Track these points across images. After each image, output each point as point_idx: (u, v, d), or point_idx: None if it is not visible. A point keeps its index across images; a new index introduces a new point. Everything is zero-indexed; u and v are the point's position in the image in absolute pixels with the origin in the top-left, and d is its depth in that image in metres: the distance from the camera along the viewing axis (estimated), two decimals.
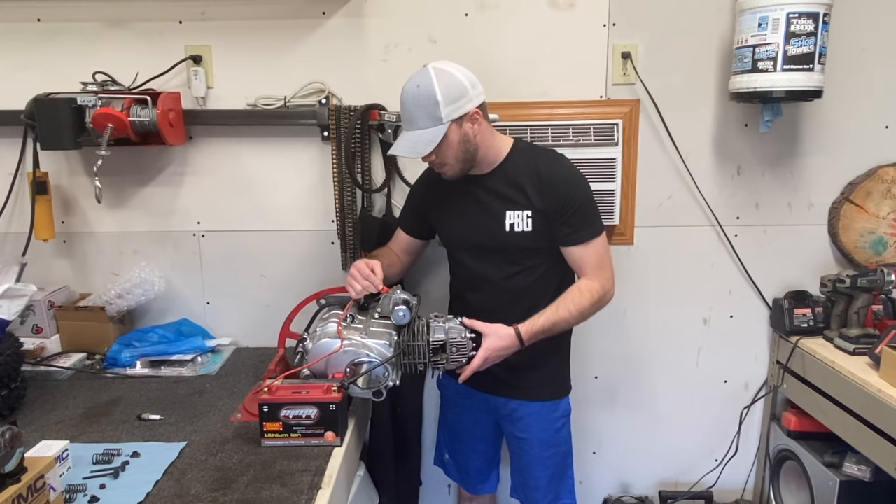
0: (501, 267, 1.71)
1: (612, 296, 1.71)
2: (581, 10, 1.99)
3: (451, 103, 1.55)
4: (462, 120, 1.58)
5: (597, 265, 1.68)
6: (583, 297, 1.66)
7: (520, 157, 1.69)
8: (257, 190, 2.10)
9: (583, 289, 1.67)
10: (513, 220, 1.66)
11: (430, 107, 1.54)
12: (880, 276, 1.88)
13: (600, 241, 1.68)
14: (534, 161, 1.66)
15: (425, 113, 1.55)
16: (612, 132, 1.97)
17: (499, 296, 1.72)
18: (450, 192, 1.74)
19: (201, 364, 1.96)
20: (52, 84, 1.94)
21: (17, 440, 1.09)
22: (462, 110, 1.56)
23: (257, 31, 2.00)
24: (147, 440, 1.51)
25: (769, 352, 2.20)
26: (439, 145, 1.57)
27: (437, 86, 1.53)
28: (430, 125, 1.55)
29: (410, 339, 1.61)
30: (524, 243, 1.67)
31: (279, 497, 1.28)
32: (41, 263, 2.10)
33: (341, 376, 1.53)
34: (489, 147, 1.66)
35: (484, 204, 1.69)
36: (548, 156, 1.70)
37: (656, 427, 2.28)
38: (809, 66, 1.80)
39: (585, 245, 1.66)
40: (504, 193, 1.67)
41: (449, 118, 1.55)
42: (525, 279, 1.71)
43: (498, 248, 1.69)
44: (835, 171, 2.09)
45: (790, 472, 2.13)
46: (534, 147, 1.75)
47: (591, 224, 1.66)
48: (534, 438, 1.81)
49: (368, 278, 1.64)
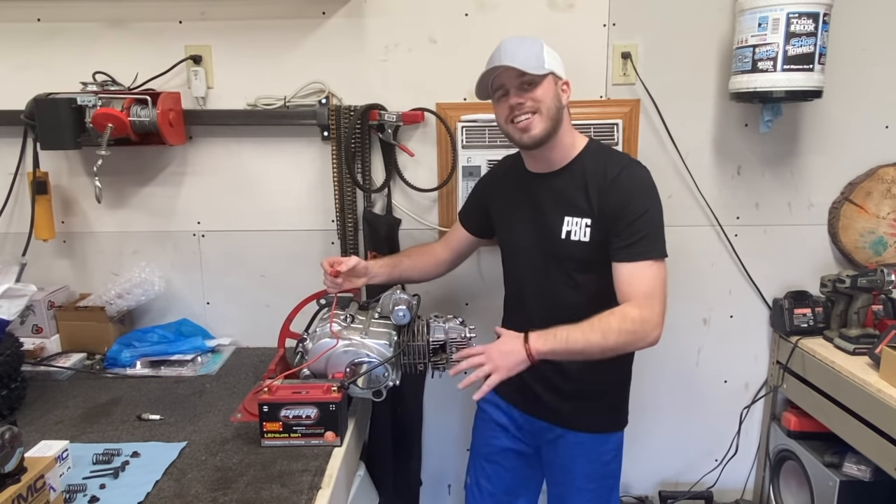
0: (552, 278, 1.57)
1: (655, 336, 1.43)
2: (581, 10, 1.99)
3: (555, 59, 1.49)
4: (558, 81, 1.50)
5: (646, 293, 1.43)
6: (612, 317, 1.42)
7: (590, 158, 1.55)
8: (257, 190, 2.10)
9: (616, 311, 1.43)
10: (570, 226, 1.52)
11: (535, 48, 1.47)
12: (880, 276, 1.87)
13: (656, 268, 1.46)
14: (604, 164, 1.52)
15: (529, 52, 1.46)
16: (612, 132, 1.97)
17: (546, 311, 1.57)
18: (515, 188, 1.64)
19: (201, 364, 1.96)
20: (52, 84, 1.94)
21: (17, 440, 1.09)
22: (561, 72, 1.51)
23: (257, 31, 2.00)
24: (147, 440, 1.51)
25: (769, 352, 2.20)
26: (534, 86, 1.45)
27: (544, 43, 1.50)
28: (533, 65, 1.45)
29: (410, 339, 1.61)
30: (579, 254, 1.52)
31: (279, 497, 1.28)
32: (41, 263, 2.10)
33: (341, 376, 1.53)
34: (567, 131, 1.54)
35: (544, 206, 1.57)
36: (621, 160, 1.54)
37: (656, 427, 2.28)
38: (809, 66, 1.80)
39: (637, 264, 1.45)
40: (566, 196, 1.53)
41: (551, 67, 1.47)
42: (576, 296, 1.55)
43: (551, 256, 1.56)
44: (835, 171, 2.09)
45: (790, 472, 2.13)
46: (607, 150, 1.60)
47: (650, 243, 1.46)
48: (578, 470, 1.66)
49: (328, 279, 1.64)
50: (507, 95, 1.49)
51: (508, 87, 1.48)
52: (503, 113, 1.51)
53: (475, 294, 2.15)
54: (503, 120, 1.52)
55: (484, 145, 1.97)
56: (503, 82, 1.48)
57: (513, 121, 1.49)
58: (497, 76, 1.48)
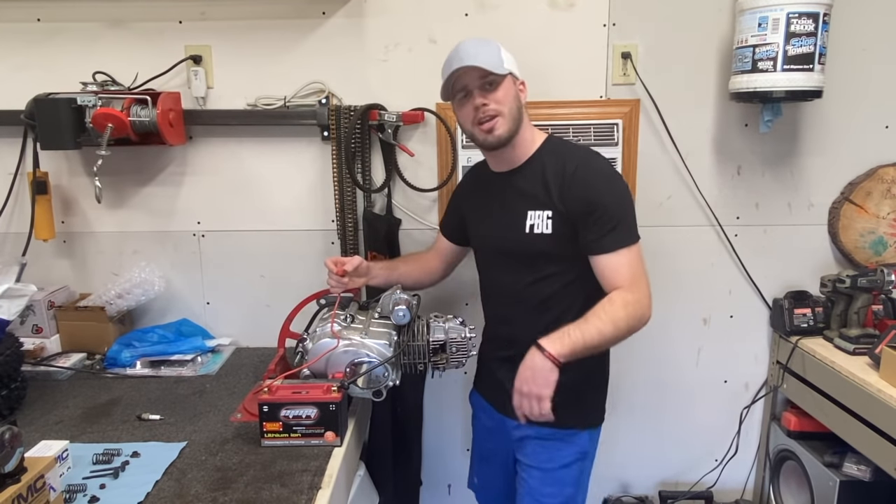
0: (521, 273, 1.58)
1: (649, 315, 1.49)
2: (581, 10, 1.99)
3: (510, 59, 1.53)
4: (516, 80, 1.54)
5: (630, 277, 1.47)
6: (614, 305, 1.44)
7: (549, 154, 1.57)
8: (257, 190, 2.10)
9: (614, 298, 1.45)
10: (533, 220, 1.53)
11: (493, 51, 1.50)
12: (880, 276, 1.87)
13: (633, 252, 1.49)
14: (563, 157, 1.54)
15: (488, 53, 1.48)
16: (612, 132, 1.97)
17: (519, 305, 1.60)
18: (482, 190, 1.67)
19: (201, 364, 1.96)
20: (52, 84, 1.94)
21: (17, 440, 1.09)
22: (517, 71, 1.54)
23: (257, 31, 2.00)
24: (147, 440, 1.51)
25: (769, 352, 2.20)
26: (495, 87, 1.49)
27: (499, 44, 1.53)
28: (493, 63, 1.48)
29: (410, 339, 1.61)
30: (543, 247, 1.53)
31: (279, 497, 1.28)
32: (41, 263, 2.10)
33: (341, 376, 1.53)
34: (526, 128, 1.57)
35: (508, 202, 1.59)
36: (579, 152, 1.56)
37: (656, 427, 2.28)
38: (809, 66, 1.80)
39: (614, 254, 1.47)
40: (528, 191, 1.55)
41: (508, 68, 1.50)
42: (546, 288, 1.56)
43: (518, 250, 1.58)
44: (835, 171, 2.09)
45: (790, 472, 2.13)
46: (566, 143, 1.62)
47: (621, 231, 1.48)
48: (534, 468, 1.62)
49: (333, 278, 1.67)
50: (470, 96, 1.50)
51: (471, 87, 1.49)
52: (468, 115, 1.52)
53: (475, 294, 2.13)
54: (468, 122, 1.53)
55: None
56: (465, 83, 1.50)
57: (479, 122, 1.51)
58: (459, 77, 1.50)
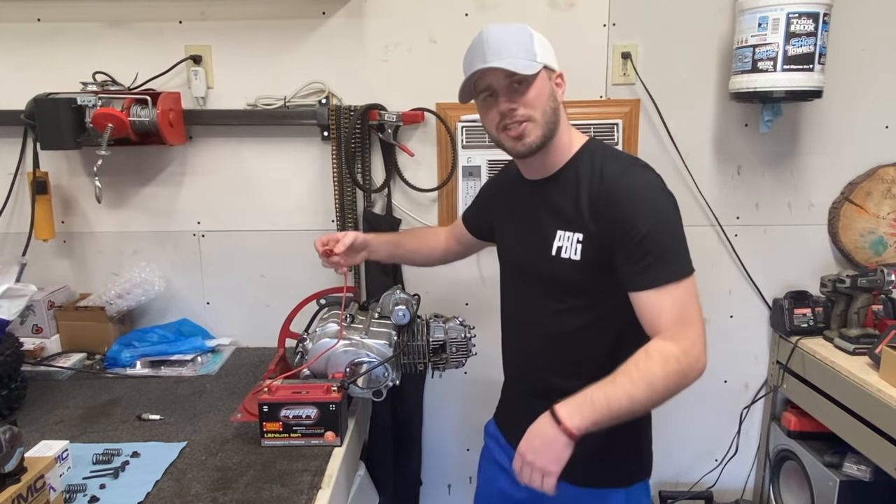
0: (545, 300, 1.36)
1: (702, 366, 1.20)
2: (581, 10, 1.99)
3: (545, 48, 1.29)
4: (552, 74, 1.30)
5: (676, 320, 1.20)
6: (650, 361, 1.17)
7: (586, 161, 1.30)
8: (257, 190, 2.10)
9: (651, 351, 1.19)
10: (562, 241, 1.30)
11: (523, 39, 1.26)
12: (880, 276, 1.87)
13: (681, 290, 1.21)
14: (600, 168, 1.27)
15: (518, 44, 1.25)
16: (612, 132, 1.97)
17: (539, 336, 1.38)
18: (514, 195, 1.45)
19: (201, 364, 1.96)
20: (52, 84, 1.94)
21: (17, 440, 1.09)
22: (553, 62, 1.30)
23: (257, 31, 2.00)
24: (147, 440, 1.51)
25: (769, 352, 2.20)
26: (527, 86, 1.25)
27: (531, 29, 1.30)
28: (524, 56, 1.24)
29: (410, 339, 1.61)
30: (569, 275, 1.29)
31: (279, 497, 1.28)
32: (41, 263, 2.10)
33: (341, 376, 1.53)
34: (563, 130, 1.32)
35: (536, 217, 1.36)
36: (618, 162, 1.29)
37: (656, 427, 2.25)
38: (809, 66, 1.80)
39: (655, 292, 1.21)
40: (559, 206, 1.31)
41: (543, 60, 1.26)
42: (569, 322, 1.33)
43: (542, 275, 1.35)
44: (835, 171, 2.09)
45: (790, 472, 2.13)
46: (607, 149, 1.34)
47: (666, 263, 1.21)
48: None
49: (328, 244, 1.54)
50: (496, 97, 1.27)
51: (496, 87, 1.26)
52: (493, 119, 1.29)
53: (475, 294, 2.15)
54: (493, 127, 1.31)
55: (484, 145, 1.97)
56: (490, 83, 1.27)
57: (505, 128, 1.28)
58: (482, 76, 1.27)
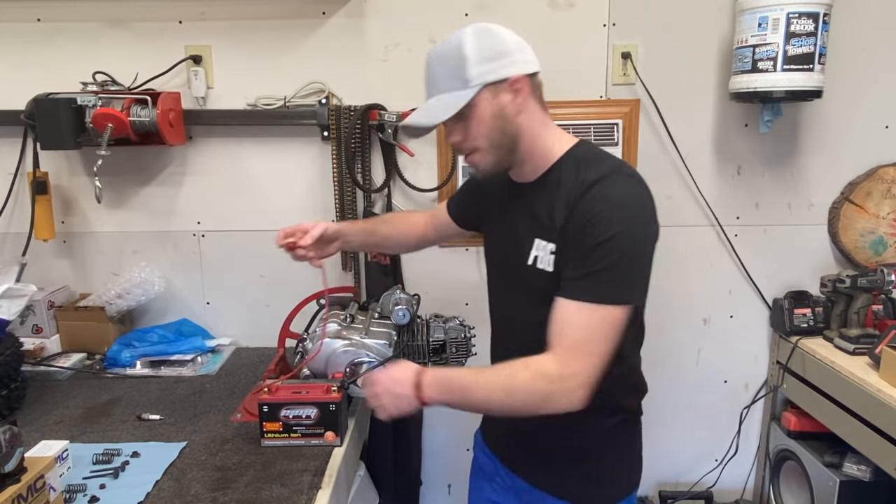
0: (523, 307, 1.29)
1: (576, 399, 1.11)
2: (581, 10, 1.99)
3: (485, 62, 1.16)
4: (499, 88, 1.17)
5: (574, 344, 1.11)
6: (523, 372, 1.13)
7: (571, 165, 1.21)
8: (257, 190, 2.10)
9: (530, 363, 1.13)
10: (538, 251, 1.22)
11: (455, 64, 1.16)
12: (880, 276, 1.87)
13: (601, 315, 1.11)
14: (582, 173, 1.18)
15: (448, 72, 1.17)
16: (612, 132, 1.97)
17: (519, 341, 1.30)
18: (499, 198, 1.36)
19: (201, 364, 1.96)
20: (52, 84, 1.94)
21: (17, 440, 1.09)
22: (499, 73, 1.17)
23: (257, 31, 2.00)
24: (147, 440, 1.51)
25: (769, 352, 2.20)
26: (465, 117, 1.17)
27: (469, 41, 1.17)
28: (452, 87, 1.17)
29: (410, 339, 1.61)
30: (543, 285, 1.20)
31: (279, 497, 1.28)
32: (41, 263, 2.10)
33: (341, 376, 1.53)
34: (536, 138, 1.22)
35: (516, 222, 1.29)
36: (602, 166, 1.18)
37: (656, 427, 2.25)
38: (809, 66, 1.80)
39: (575, 304, 1.12)
40: (537, 212, 1.23)
41: (480, 80, 1.16)
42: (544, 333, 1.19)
43: (520, 282, 1.29)
44: (835, 171, 2.09)
45: (790, 472, 2.13)
46: (594, 156, 1.23)
47: (600, 281, 1.11)
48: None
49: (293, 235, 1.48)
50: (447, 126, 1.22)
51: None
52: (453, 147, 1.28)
53: (475, 294, 2.13)
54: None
55: None
56: None
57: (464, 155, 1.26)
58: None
